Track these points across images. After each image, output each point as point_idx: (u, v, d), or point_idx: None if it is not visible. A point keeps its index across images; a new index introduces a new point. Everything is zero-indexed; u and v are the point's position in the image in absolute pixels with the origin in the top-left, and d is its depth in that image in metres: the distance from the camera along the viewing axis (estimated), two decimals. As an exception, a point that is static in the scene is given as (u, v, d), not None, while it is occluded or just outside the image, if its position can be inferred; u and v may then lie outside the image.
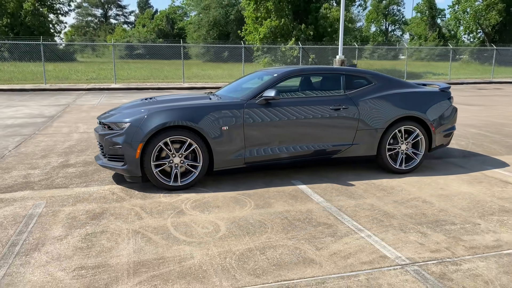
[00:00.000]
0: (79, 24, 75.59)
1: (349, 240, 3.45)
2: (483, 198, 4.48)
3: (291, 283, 2.78)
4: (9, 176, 5.23)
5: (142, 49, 53.84)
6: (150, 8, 73.89)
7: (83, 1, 74.67)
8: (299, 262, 3.07)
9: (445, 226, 3.75)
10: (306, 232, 3.61)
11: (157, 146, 4.51)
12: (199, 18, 46.62)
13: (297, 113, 4.92)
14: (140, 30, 63.15)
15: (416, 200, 4.41)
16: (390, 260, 3.11)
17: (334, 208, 4.18)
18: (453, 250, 3.29)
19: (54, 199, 4.39)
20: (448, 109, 5.54)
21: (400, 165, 5.34)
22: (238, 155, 4.80)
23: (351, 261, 3.09)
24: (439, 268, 3.00)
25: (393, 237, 3.52)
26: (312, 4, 24.93)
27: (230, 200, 4.40)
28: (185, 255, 3.16)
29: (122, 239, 3.44)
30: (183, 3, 55.68)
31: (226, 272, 2.92)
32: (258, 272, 2.93)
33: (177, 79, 21.86)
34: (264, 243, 3.38)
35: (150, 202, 4.31)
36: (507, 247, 3.35)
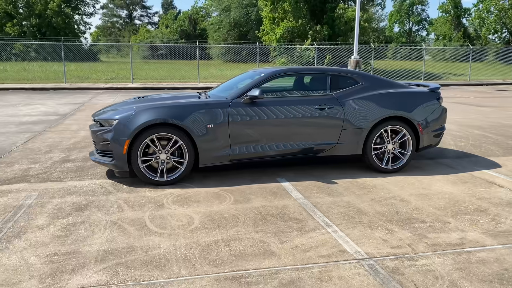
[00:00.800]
0: (105, 24, 77.26)
1: (314, 235, 3.55)
2: (462, 198, 4.50)
3: (245, 273, 2.92)
4: (10, 169, 5.53)
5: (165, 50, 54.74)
6: (174, 9, 74.87)
7: (109, 2, 76.30)
8: (259, 254, 3.20)
9: (414, 224, 3.81)
10: (275, 226, 3.73)
11: (143, 142, 4.71)
12: (219, 19, 47.01)
13: (281, 112, 5.04)
14: (163, 30, 64.12)
15: (394, 199, 4.48)
16: (348, 255, 3.21)
17: (310, 204, 4.28)
18: (414, 246, 3.35)
19: (46, 191, 4.64)
20: (437, 110, 5.56)
21: (387, 164, 5.39)
22: (223, 152, 4.95)
23: (309, 254, 3.20)
24: (394, 263, 3.08)
25: (359, 233, 3.61)
26: (328, 4, 24.88)
27: (211, 195, 4.55)
28: (153, 245, 3.34)
29: (99, 229, 3.64)
30: (205, 4, 56.27)
31: (187, 262, 3.07)
32: (217, 262, 3.07)
33: (193, 79, 22.18)
34: (232, 236, 3.52)
35: (134, 196, 4.51)
36: (470, 245, 3.39)
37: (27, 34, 36.93)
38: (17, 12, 38.08)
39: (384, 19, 74.47)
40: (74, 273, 2.89)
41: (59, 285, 2.74)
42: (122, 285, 2.75)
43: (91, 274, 2.88)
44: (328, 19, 25.11)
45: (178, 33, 62.01)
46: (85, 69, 26.32)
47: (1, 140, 7.39)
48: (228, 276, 2.88)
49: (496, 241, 3.46)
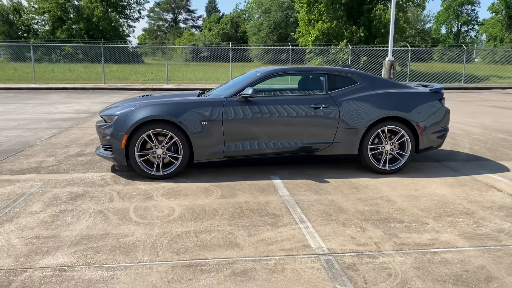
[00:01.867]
0: (151, 28, 79.76)
1: (284, 230, 3.62)
2: (452, 201, 4.41)
3: (202, 262, 3.04)
4: (27, 161, 5.94)
5: (207, 52, 55.86)
6: (217, 13, 76.14)
7: (155, 6, 78.75)
8: (224, 245, 3.31)
9: (390, 223, 3.79)
10: (250, 220, 3.83)
11: (140, 138, 4.94)
12: (259, 22, 47.36)
13: (275, 111, 5.12)
14: (205, 33, 65.36)
15: (380, 199, 4.45)
16: (310, 249, 3.26)
17: (293, 201, 4.34)
18: (380, 245, 3.35)
19: (50, 181, 4.97)
20: (438, 111, 5.44)
21: (384, 165, 5.34)
22: (217, 149, 5.10)
23: (272, 248, 3.28)
24: (353, 259, 3.11)
25: (330, 230, 3.64)
26: (365, 6, 24.51)
27: (201, 189, 4.71)
28: (128, 233, 3.53)
29: (84, 217, 3.89)
30: (246, 7, 56.86)
31: (153, 249, 3.24)
32: (181, 251, 3.22)
33: (227, 80, 22.51)
34: (204, 228, 3.66)
35: (128, 188, 4.74)
36: (439, 246, 3.35)
37: (76, 37, 38.81)
38: (67, 17, 40.12)
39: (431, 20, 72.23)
40: (46, 255, 3.13)
41: (29, 264, 2.98)
42: (85, 267, 2.95)
43: (61, 256, 3.10)
44: (365, 20, 24.74)
45: (220, 36, 63.01)
46: (126, 70, 27.36)
47: (29, 135, 7.91)
48: (186, 264, 3.01)
49: (469, 243, 3.39)
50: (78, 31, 39.54)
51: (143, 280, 2.79)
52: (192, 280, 2.80)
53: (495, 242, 3.41)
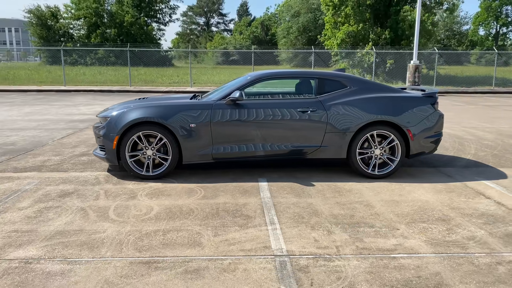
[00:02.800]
0: (184, 31, 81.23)
1: (251, 231, 3.69)
2: (433, 207, 4.35)
3: (160, 259, 3.16)
4: (33, 160, 6.25)
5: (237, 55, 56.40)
6: (249, 16, 76.68)
7: (188, 10, 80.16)
8: (186, 244, 3.42)
9: (360, 228, 3.79)
10: (222, 221, 3.92)
11: (131, 139, 5.12)
12: (288, 25, 47.38)
13: (263, 114, 5.19)
14: (236, 37, 65.94)
15: (360, 203, 4.44)
16: (269, 251, 3.31)
17: (271, 203, 4.40)
18: (341, 248, 3.37)
19: (47, 179, 5.23)
20: (431, 115, 5.36)
21: (373, 169, 5.31)
22: (206, 151, 5.22)
23: (233, 248, 3.36)
24: (308, 262, 3.14)
25: (297, 232, 3.68)
26: (392, 8, 24.12)
27: (185, 190, 4.84)
28: (100, 230, 3.69)
29: (66, 213, 4.08)
30: (277, 10, 57.02)
31: (118, 246, 3.38)
32: (144, 248, 3.34)
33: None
34: (175, 227, 3.77)
35: (117, 187, 4.93)
36: (400, 251, 3.33)
37: (109, 41, 40.07)
38: (101, 22, 41.46)
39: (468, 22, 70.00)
40: (18, 248, 3.33)
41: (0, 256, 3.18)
42: (49, 260, 3.12)
43: (31, 249, 3.29)
44: (392, 22, 24.34)
45: (251, 39, 63.40)
46: (153, 73, 28.01)
47: (44, 135, 8.29)
48: (144, 260, 3.14)
49: (433, 250, 3.35)
50: (111, 36, 40.78)
51: (98, 274, 2.92)
52: (144, 276, 2.91)
53: (460, 250, 3.36)
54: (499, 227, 3.82)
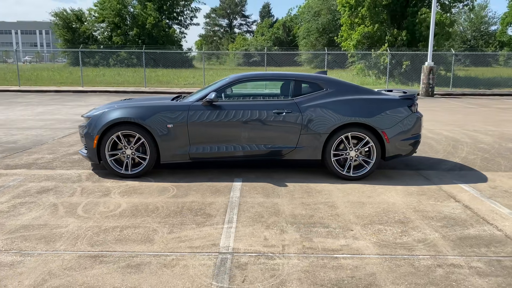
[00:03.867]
0: (207, 33, 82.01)
1: (206, 229, 3.79)
2: (397, 209, 4.35)
3: (108, 253, 3.29)
4: (27, 157, 6.52)
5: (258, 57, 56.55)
6: (271, 18, 76.79)
7: (211, 12, 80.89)
8: (139, 240, 3.55)
9: (315, 228, 3.84)
10: (182, 219, 4.03)
11: (110, 138, 5.30)
12: (308, 25, 47.22)
13: (239, 115, 5.29)
14: (258, 38, 66.14)
15: (324, 204, 4.48)
16: (215, 248, 3.41)
17: (237, 203, 4.49)
18: (287, 247, 3.43)
19: (32, 176, 5.46)
20: (407, 118, 5.33)
21: (348, 171, 5.32)
22: (183, 151, 5.35)
23: (182, 245, 3.47)
24: (249, 259, 3.22)
25: (251, 231, 3.76)
26: (409, 8, 23.78)
27: (159, 189, 4.98)
28: (63, 225, 3.86)
29: (37, 208, 4.28)
30: (298, 11, 56.87)
31: (74, 240, 3.54)
32: (97, 243, 3.49)
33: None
34: (134, 224, 3.91)
35: (95, 185, 5.11)
36: (344, 252, 3.37)
37: (130, 43, 40.88)
38: (124, 24, 42.35)
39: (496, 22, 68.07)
40: (-19, 239, 3.52)
41: (-39, 247, 3.39)
42: (5, 252, 3.30)
43: (-8, 241, 3.48)
44: (409, 23, 24.00)
45: (272, 41, 63.45)
46: (170, 75, 28.44)
47: (47, 134, 8.60)
48: (92, 254, 3.28)
49: (378, 251, 3.37)
50: (132, 37, 41.60)
51: (44, 266, 3.08)
52: (86, 269, 3.05)
53: (406, 252, 3.37)
54: (455, 230, 3.81)
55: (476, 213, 4.23)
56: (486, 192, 4.91)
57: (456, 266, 3.14)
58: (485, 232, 3.76)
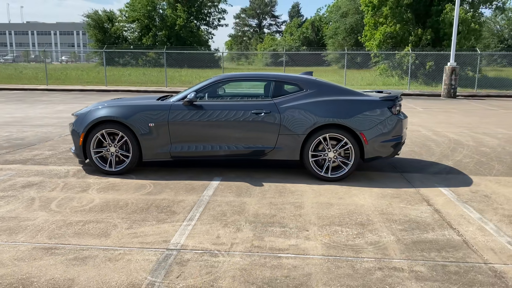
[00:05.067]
0: (237, 34, 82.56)
1: (165, 226, 3.89)
2: (363, 211, 4.31)
3: (61, 246, 3.44)
4: (26, 154, 6.83)
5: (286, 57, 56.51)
6: (300, 18, 76.48)
7: (241, 12, 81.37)
8: (96, 234, 3.68)
9: (271, 227, 3.87)
10: (146, 215, 4.15)
11: (95, 136, 5.49)
12: (336, 25, 46.78)
13: (218, 115, 5.37)
14: (286, 38, 66.05)
15: (292, 204, 4.49)
16: (165, 244, 3.50)
17: (206, 201, 4.57)
18: (235, 246, 3.48)
19: (24, 171, 5.72)
20: (387, 119, 5.26)
21: (326, 172, 5.31)
22: (164, 149, 5.48)
23: (134, 240, 3.58)
24: (192, 256, 3.29)
25: (207, 229, 3.83)
26: (434, 7, 23.18)
27: (137, 186, 5.12)
28: (32, 218, 4.05)
29: (15, 202, 4.50)
30: (326, 11, 56.42)
31: (35, 233, 3.71)
32: (56, 236, 3.64)
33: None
34: (99, 219, 4.05)
35: (78, 181, 5.31)
36: (290, 251, 3.38)
37: (159, 43, 41.69)
38: (153, 25, 43.24)
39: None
40: (-48, 229, 3.75)
41: None
42: (-32, 242, 3.51)
43: (-40, 231, 3.70)
44: (433, 22, 23.41)
45: (301, 40, 63.22)
46: (194, 75, 28.83)
47: (56, 132, 8.95)
48: (46, 246, 3.43)
49: (324, 252, 3.38)
50: (161, 38, 42.41)
51: (-3, 256, 3.26)
52: (35, 260, 3.20)
53: (352, 254, 3.36)
54: (413, 234, 3.75)
55: (443, 218, 4.14)
56: (464, 197, 4.79)
57: (397, 269, 3.11)
58: (443, 237, 3.69)
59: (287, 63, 53.84)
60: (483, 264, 3.19)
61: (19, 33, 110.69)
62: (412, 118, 11.40)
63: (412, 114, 12.31)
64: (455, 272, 3.07)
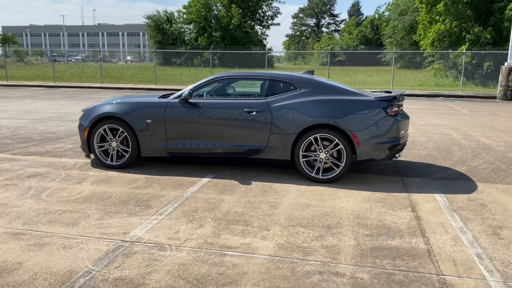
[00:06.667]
0: (294, 33, 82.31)
1: (133, 219, 4.01)
2: (337, 214, 4.19)
3: (28, 232, 3.66)
4: (49, 146, 7.29)
5: (343, 56, 55.51)
6: (360, 16, 74.74)
7: (299, 12, 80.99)
8: (66, 223, 3.88)
9: (235, 225, 3.87)
10: (121, 208, 4.30)
11: (98, 131, 5.77)
12: (394, 24, 45.20)
13: (212, 113, 5.43)
14: (344, 37, 64.87)
15: (268, 204, 4.46)
16: (123, 236, 3.61)
17: (186, 197, 4.65)
18: (188, 241, 3.52)
19: (37, 163, 6.13)
20: (381, 120, 5.04)
21: (317, 173, 5.20)
22: (161, 145, 5.64)
23: (98, 230, 3.73)
24: (142, 248, 3.38)
25: (171, 223, 3.90)
26: (495, 4, 21.69)
27: (130, 180, 5.31)
28: (19, 205, 4.34)
29: (13, 190, 4.84)
30: (386, 9, 54.71)
31: (14, 219, 3.97)
32: (30, 223, 3.88)
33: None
34: (76, 209, 4.26)
35: (80, 173, 5.61)
36: (239, 250, 3.37)
37: (214, 44, 42.61)
38: (209, 26, 44.29)
39: None
40: None
41: None
42: (-48, 224, 3.84)
43: (-49, 214, 4.06)
44: (496, 21, 21.92)
45: (359, 39, 61.80)
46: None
47: (88, 127, 9.46)
48: (16, 232, 3.67)
49: (272, 252, 3.33)
50: (216, 38, 43.32)
51: (-31, 238, 3.54)
52: (0, 243, 3.44)
53: (300, 256, 3.28)
54: (377, 240, 3.58)
55: (420, 225, 3.92)
56: (457, 204, 4.49)
57: (338, 275, 2.99)
58: (408, 245, 3.49)
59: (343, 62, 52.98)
60: (434, 275, 2.99)
61: (91, 35, 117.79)
62: (451, 121, 10.81)
63: (454, 116, 11.66)
64: (398, 282, 2.91)
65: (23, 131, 8.74)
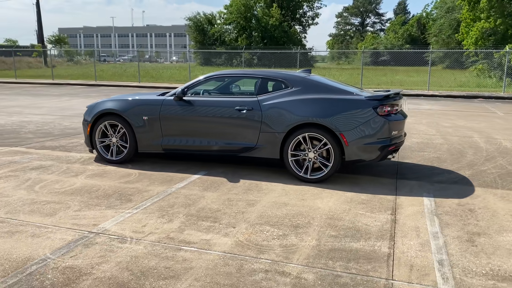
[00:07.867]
0: (338, 32, 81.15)
1: (108, 212, 4.14)
2: (310, 214, 4.12)
3: (7, 220, 3.87)
4: (63, 141, 7.64)
5: (387, 56, 54.18)
6: (406, 15, 72.54)
7: (344, 11, 79.77)
8: (44, 213, 4.06)
9: (203, 221, 3.89)
10: (103, 201, 4.44)
11: (99, 127, 5.98)
12: (440, 22, 43.51)
13: (204, 111, 5.49)
14: (390, 36, 63.24)
15: (246, 201, 4.45)
16: (92, 227, 3.74)
17: (168, 193, 4.73)
18: (151, 235, 3.59)
19: (44, 156, 6.44)
20: (371, 120, 4.89)
21: (306, 173, 5.13)
22: (156, 141, 5.77)
23: (71, 221, 3.88)
24: (104, 240, 3.48)
25: (141, 217, 3.99)
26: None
27: (124, 174, 5.47)
28: (11, 195, 4.58)
29: (12, 181, 5.12)
30: (433, 7, 52.70)
31: (0, 208, 4.21)
32: (13, 212, 4.09)
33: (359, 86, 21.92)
34: (61, 200, 4.45)
35: (81, 167, 5.84)
36: (196, 245, 3.40)
37: (253, 44, 42.84)
38: (249, 26, 44.57)
39: None
40: None
41: None
42: None
43: None
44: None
45: (404, 38, 60.06)
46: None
47: (109, 124, 9.81)
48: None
49: (227, 249, 3.33)
50: (255, 38, 43.51)
51: (-48, 224, 3.79)
52: (-23, 229, 3.66)
53: (253, 253, 3.26)
54: (340, 241, 3.50)
55: (393, 228, 3.78)
56: (443, 209, 4.29)
57: (284, 274, 2.95)
58: (370, 248, 3.38)
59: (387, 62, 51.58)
60: (383, 280, 2.88)
61: (140, 35, 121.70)
62: (479, 123, 10.30)
63: (484, 119, 11.11)
64: (343, 284, 2.83)
65: (48, 127, 9.19)
